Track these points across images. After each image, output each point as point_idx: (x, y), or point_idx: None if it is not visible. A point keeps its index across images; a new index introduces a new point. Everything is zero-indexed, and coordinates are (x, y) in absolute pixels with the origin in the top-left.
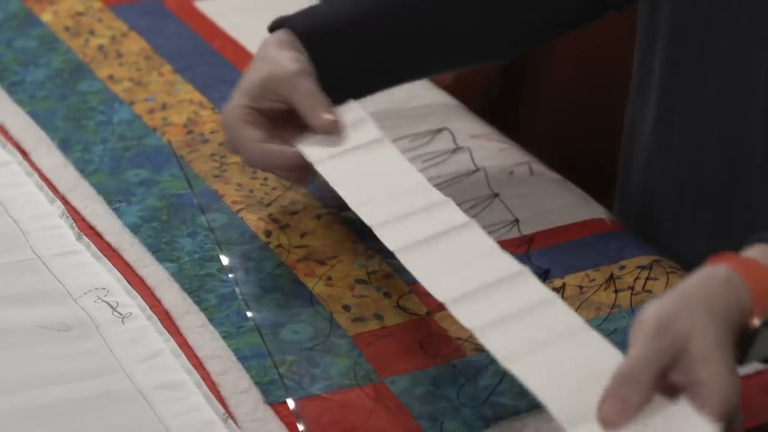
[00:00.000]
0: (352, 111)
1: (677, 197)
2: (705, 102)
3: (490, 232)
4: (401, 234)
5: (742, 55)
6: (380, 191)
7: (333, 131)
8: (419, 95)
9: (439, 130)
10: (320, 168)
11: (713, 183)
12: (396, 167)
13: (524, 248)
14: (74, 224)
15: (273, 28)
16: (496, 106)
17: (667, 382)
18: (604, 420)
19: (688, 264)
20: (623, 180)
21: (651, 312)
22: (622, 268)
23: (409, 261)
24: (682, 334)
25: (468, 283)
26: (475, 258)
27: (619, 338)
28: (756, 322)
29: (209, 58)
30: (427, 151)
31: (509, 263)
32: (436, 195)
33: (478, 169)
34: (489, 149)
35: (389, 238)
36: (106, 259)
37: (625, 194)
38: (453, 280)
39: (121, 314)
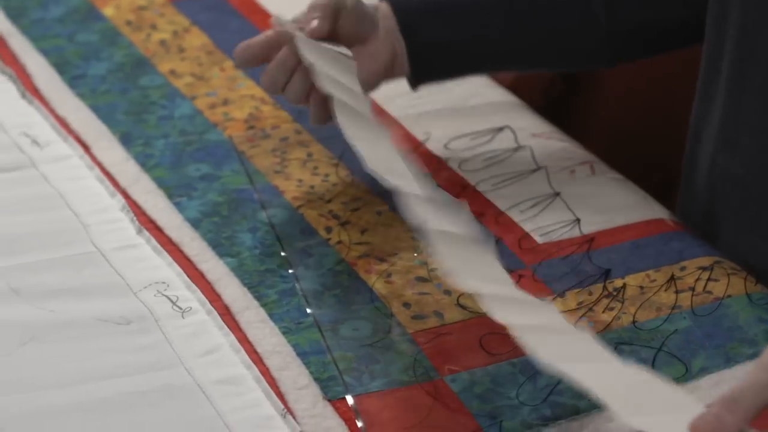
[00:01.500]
0: None
1: (742, 198)
2: None
3: (550, 231)
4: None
5: None
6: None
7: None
8: (480, 93)
9: (501, 129)
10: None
11: None
12: None
13: (585, 248)
14: (135, 218)
15: None
16: (557, 105)
17: None
18: (692, 430)
19: (751, 266)
20: (687, 180)
21: None
22: (683, 268)
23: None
24: None
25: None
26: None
27: (679, 339)
28: None
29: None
30: (489, 150)
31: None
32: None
33: (539, 168)
34: (550, 148)
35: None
36: (166, 253)
37: (688, 194)
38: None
39: (181, 308)
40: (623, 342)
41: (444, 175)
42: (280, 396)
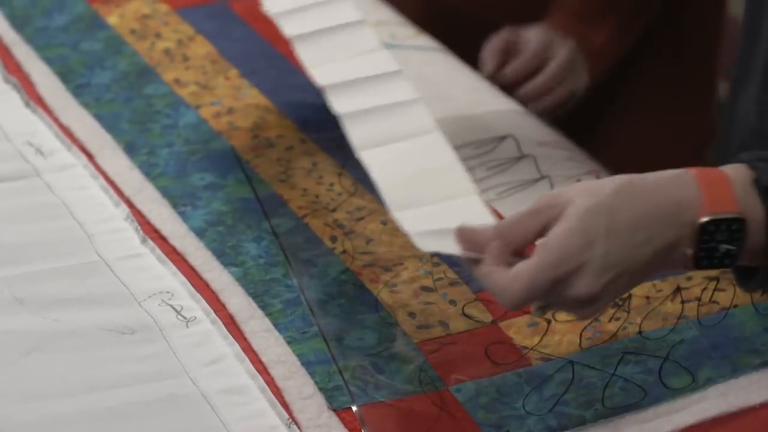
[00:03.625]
0: None
1: None
2: None
3: None
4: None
5: None
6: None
7: None
8: (485, 101)
9: (504, 137)
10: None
11: None
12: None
13: None
14: (139, 227)
15: None
16: (574, 118)
17: None
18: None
19: None
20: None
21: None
22: (689, 278)
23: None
24: (560, 202)
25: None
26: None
27: (686, 349)
28: (703, 218)
29: (275, 62)
30: (492, 158)
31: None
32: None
33: (543, 177)
34: (555, 157)
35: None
36: (170, 262)
37: None
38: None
39: (185, 318)
40: (630, 352)
41: None
42: (285, 406)
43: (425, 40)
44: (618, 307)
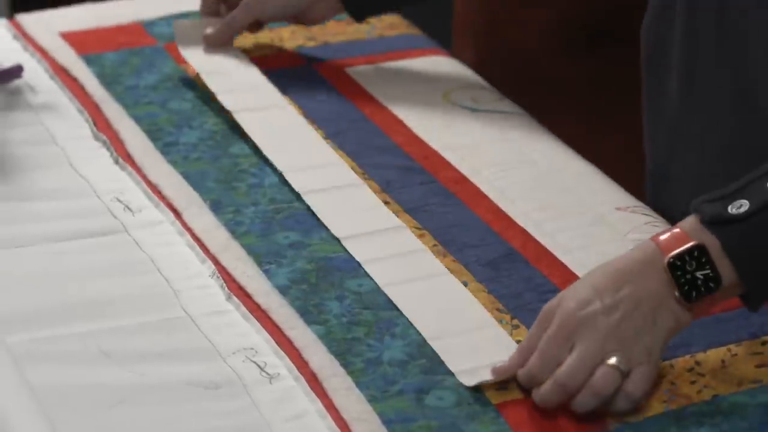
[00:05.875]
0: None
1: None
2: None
3: None
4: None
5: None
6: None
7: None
8: (565, 165)
9: None
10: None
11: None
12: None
13: None
14: (224, 284)
15: None
16: None
17: None
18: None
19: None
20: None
21: None
22: (764, 343)
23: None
24: (553, 303)
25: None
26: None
27: (762, 412)
28: (666, 259)
29: (360, 124)
30: None
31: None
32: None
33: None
34: (634, 222)
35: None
36: (255, 319)
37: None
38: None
39: (269, 374)
40: (704, 415)
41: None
42: None
43: (508, 104)
44: (693, 371)
